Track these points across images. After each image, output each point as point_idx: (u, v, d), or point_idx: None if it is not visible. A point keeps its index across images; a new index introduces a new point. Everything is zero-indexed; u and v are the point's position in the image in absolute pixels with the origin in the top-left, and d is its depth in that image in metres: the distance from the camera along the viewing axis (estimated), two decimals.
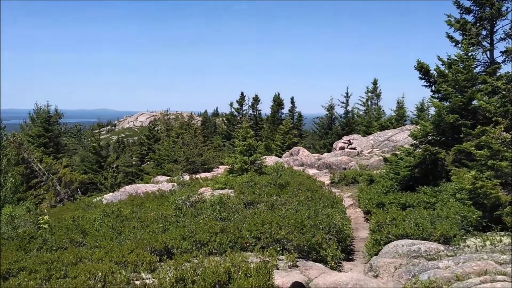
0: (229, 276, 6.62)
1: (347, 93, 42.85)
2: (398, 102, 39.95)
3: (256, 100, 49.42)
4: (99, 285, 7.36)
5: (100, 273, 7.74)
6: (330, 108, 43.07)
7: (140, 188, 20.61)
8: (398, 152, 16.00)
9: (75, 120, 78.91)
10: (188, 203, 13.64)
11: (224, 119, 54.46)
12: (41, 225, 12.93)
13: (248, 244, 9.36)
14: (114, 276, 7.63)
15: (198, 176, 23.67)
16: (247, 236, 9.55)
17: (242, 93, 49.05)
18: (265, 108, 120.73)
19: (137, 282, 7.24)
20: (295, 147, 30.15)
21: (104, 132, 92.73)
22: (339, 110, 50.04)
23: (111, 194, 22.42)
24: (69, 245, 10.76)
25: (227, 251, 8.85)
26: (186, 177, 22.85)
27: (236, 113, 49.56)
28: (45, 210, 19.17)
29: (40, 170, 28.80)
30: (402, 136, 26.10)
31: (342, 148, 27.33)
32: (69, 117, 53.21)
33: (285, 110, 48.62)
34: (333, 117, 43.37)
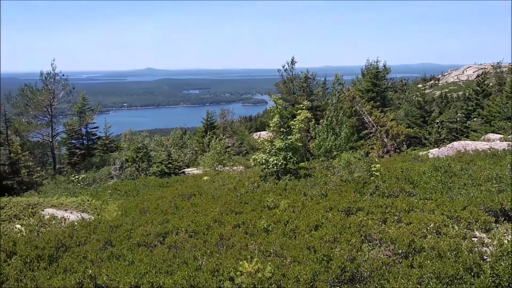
0: None
1: None
2: None
3: None
4: (432, 235, 7.67)
5: (432, 224, 8.05)
6: None
7: (469, 145, 19.55)
8: None
9: (399, 75, 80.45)
10: None
11: None
12: (373, 173, 14.15)
13: None
14: (447, 229, 7.79)
15: None
16: None
17: None
18: None
19: (474, 240, 7.14)
20: None
21: (427, 86, 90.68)
22: None
23: (437, 149, 22.19)
24: (399, 193, 11.49)
25: None
26: None
27: None
28: (375, 159, 20.81)
29: (369, 122, 31.22)
30: None
31: None
32: (394, 72, 54.69)
33: None
34: None
